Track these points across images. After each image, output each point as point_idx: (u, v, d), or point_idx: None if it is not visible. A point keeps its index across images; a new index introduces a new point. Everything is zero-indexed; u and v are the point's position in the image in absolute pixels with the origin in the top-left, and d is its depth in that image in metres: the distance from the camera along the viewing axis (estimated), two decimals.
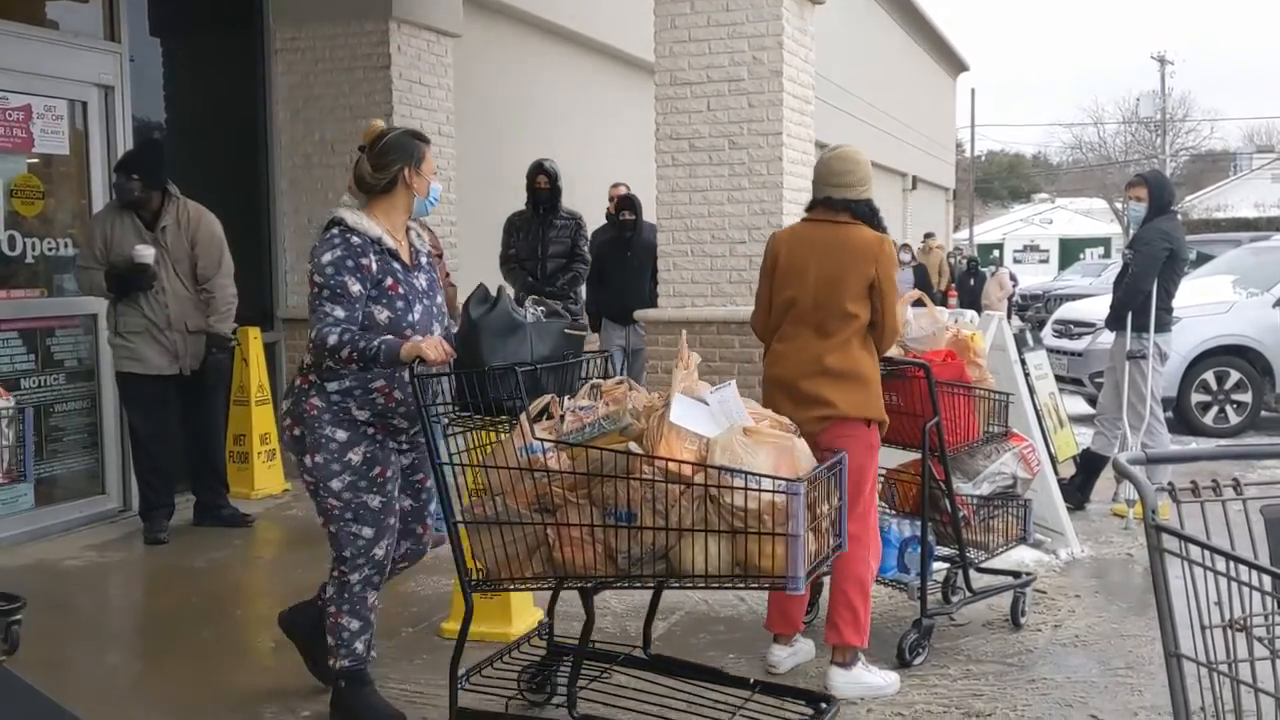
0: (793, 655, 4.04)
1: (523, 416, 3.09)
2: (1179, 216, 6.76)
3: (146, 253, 5.64)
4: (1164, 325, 6.32)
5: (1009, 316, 12.19)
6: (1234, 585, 2.01)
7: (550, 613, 3.77)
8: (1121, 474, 2.21)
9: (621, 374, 8.57)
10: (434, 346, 3.21)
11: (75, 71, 6.23)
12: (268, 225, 7.72)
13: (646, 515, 2.98)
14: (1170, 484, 2.11)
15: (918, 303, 4.57)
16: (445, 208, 7.79)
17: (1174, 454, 2.51)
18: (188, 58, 7.34)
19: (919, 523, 4.24)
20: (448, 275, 5.71)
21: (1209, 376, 9.46)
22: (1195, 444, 8.29)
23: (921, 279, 17.45)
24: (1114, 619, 4.63)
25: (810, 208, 4.00)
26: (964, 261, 21.61)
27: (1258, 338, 9.50)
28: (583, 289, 8.02)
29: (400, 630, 4.53)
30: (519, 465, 3.08)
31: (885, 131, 22.37)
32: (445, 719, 3.65)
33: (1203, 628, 2.03)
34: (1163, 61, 45.88)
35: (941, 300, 17.32)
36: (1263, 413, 9.59)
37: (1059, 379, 8.09)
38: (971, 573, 4.45)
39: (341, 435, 3.38)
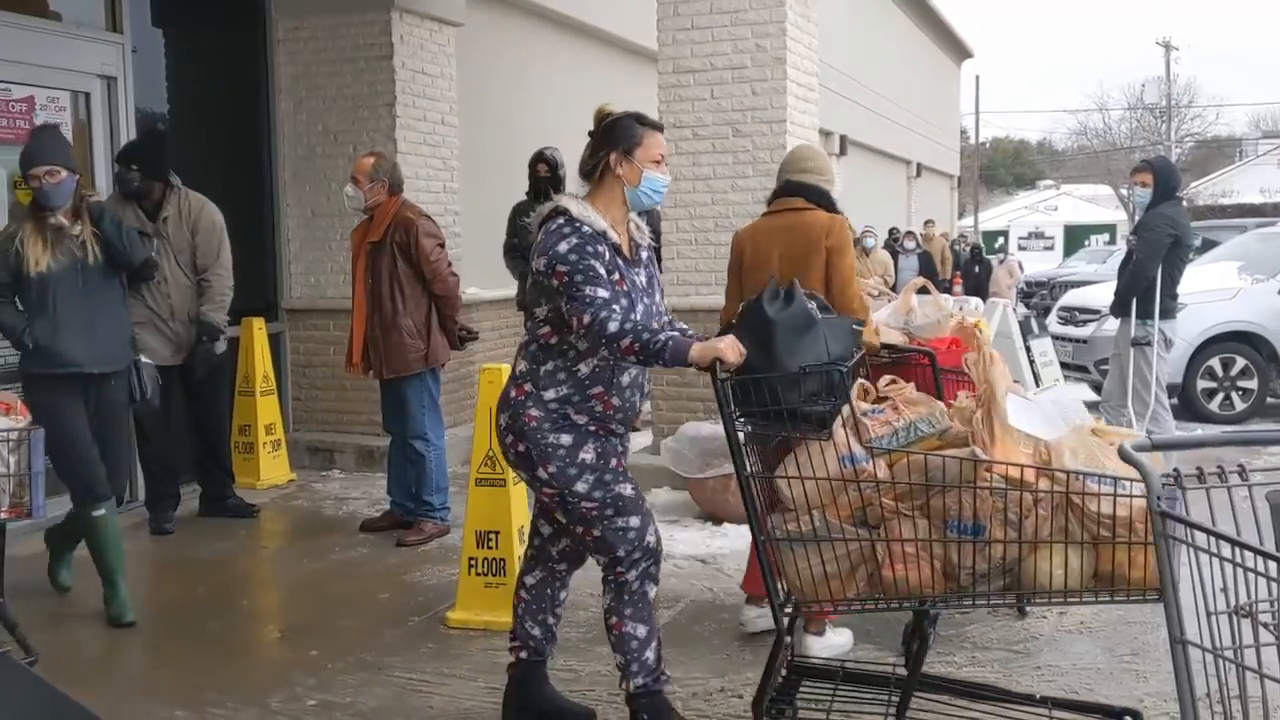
0: (765, 616, 4.14)
1: (839, 423, 2.81)
2: (1184, 202, 6.75)
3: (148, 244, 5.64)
4: (1169, 312, 6.31)
5: (1015, 304, 12.16)
6: (1239, 571, 2.01)
7: (790, 631, 3.17)
8: (1127, 461, 2.21)
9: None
10: (732, 347, 2.90)
11: (78, 63, 6.23)
12: (271, 216, 7.72)
13: (997, 527, 2.68)
14: (1176, 470, 2.11)
15: (922, 290, 4.57)
16: (448, 197, 7.79)
17: (1179, 440, 2.51)
18: (190, 48, 7.33)
19: None
20: (449, 265, 5.70)
21: (1214, 363, 9.43)
22: (1201, 430, 8.27)
23: (926, 266, 17.41)
24: (1119, 606, 4.62)
25: (769, 200, 4.27)
26: (968, 249, 21.55)
27: (1263, 324, 9.47)
28: None
29: (406, 619, 4.54)
30: (840, 476, 2.78)
31: (889, 119, 22.30)
32: (452, 706, 3.66)
33: (1208, 614, 2.03)
34: (1168, 47, 45.70)
35: (947, 288, 17.29)
36: (1268, 399, 9.57)
37: (1064, 366, 8.10)
38: None
39: (566, 439, 3.17)
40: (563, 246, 3.09)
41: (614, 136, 3.26)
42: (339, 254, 7.39)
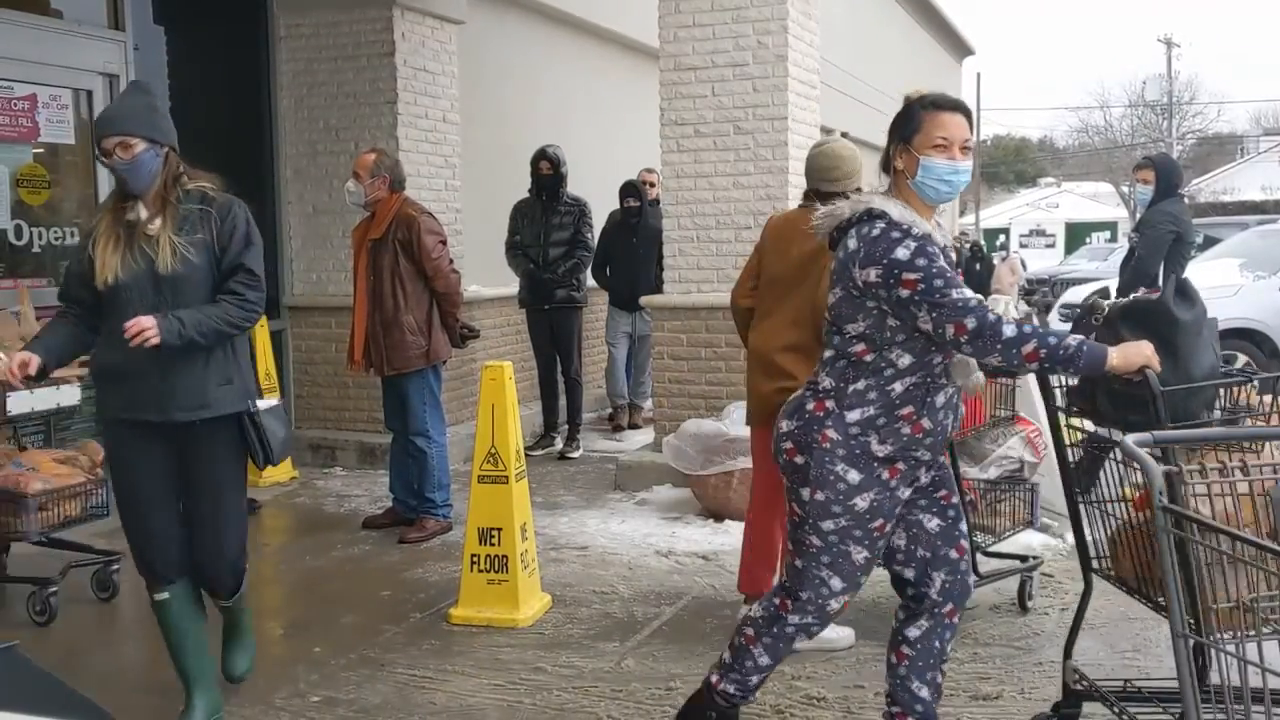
0: None
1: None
2: (1186, 200, 6.75)
3: None
4: None
5: (1016, 301, 12.18)
6: (1240, 565, 2.01)
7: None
8: (1129, 457, 2.21)
9: (628, 361, 8.63)
10: (1155, 353, 2.64)
11: (80, 60, 6.24)
12: (273, 213, 7.73)
13: None
14: (1178, 465, 2.11)
15: None
16: (449, 194, 7.80)
17: (1180, 436, 2.51)
18: (191, 46, 7.34)
19: None
20: (451, 263, 5.71)
21: None
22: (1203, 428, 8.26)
23: None
24: (1121, 602, 4.62)
25: (804, 196, 4.27)
26: (968, 246, 21.53)
27: (1265, 321, 9.47)
28: (586, 276, 8.01)
29: (409, 616, 4.55)
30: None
31: (890, 115, 22.27)
32: (454, 703, 3.67)
33: (1209, 608, 2.04)
34: (1169, 44, 45.63)
35: None
36: None
37: None
38: (978, 557, 4.45)
39: (854, 477, 2.85)
40: (903, 253, 2.73)
41: (895, 126, 2.96)
42: (340, 251, 7.40)
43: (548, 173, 7.67)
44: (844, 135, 18.47)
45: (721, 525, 5.70)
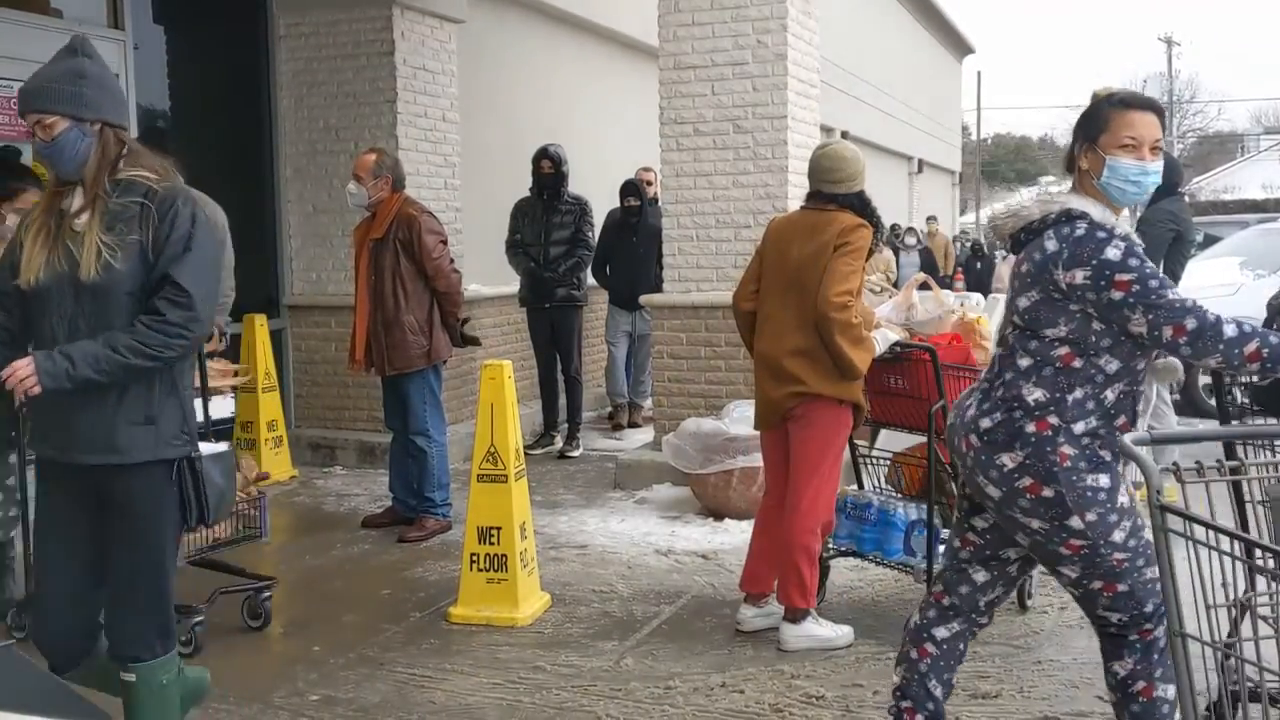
0: (761, 615, 4.23)
1: None
2: (1186, 198, 6.74)
3: None
4: None
5: None
6: (1239, 564, 2.01)
7: None
8: (1126, 455, 2.21)
9: (628, 360, 8.62)
10: None
11: None
12: (272, 212, 7.73)
13: None
14: (1175, 464, 2.11)
15: (923, 286, 4.59)
16: (449, 194, 7.80)
17: (1179, 435, 2.51)
18: (191, 45, 7.34)
19: (925, 506, 4.26)
20: (451, 262, 5.71)
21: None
22: (1202, 426, 8.27)
23: (927, 263, 17.41)
24: None
25: (806, 197, 4.26)
26: (968, 245, 21.55)
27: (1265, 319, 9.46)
28: (586, 275, 8.01)
29: (408, 615, 4.55)
30: None
31: (891, 115, 22.29)
32: (453, 702, 3.68)
33: (1208, 607, 2.04)
34: (1169, 43, 45.73)
35: (949, 284, 17.29)
36: None
37: None
38: None
39: (1104, 480, 2.68)
40: (1113, 254, 2.60)
41: (1080, 124, 2.83)
42: (340, 250, 7.40)
43: (549, 171, 7.67)
44: (844, 135, 18.47)
45: (721, 524, 5.70)
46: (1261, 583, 2.35)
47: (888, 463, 4.58)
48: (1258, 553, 2.07)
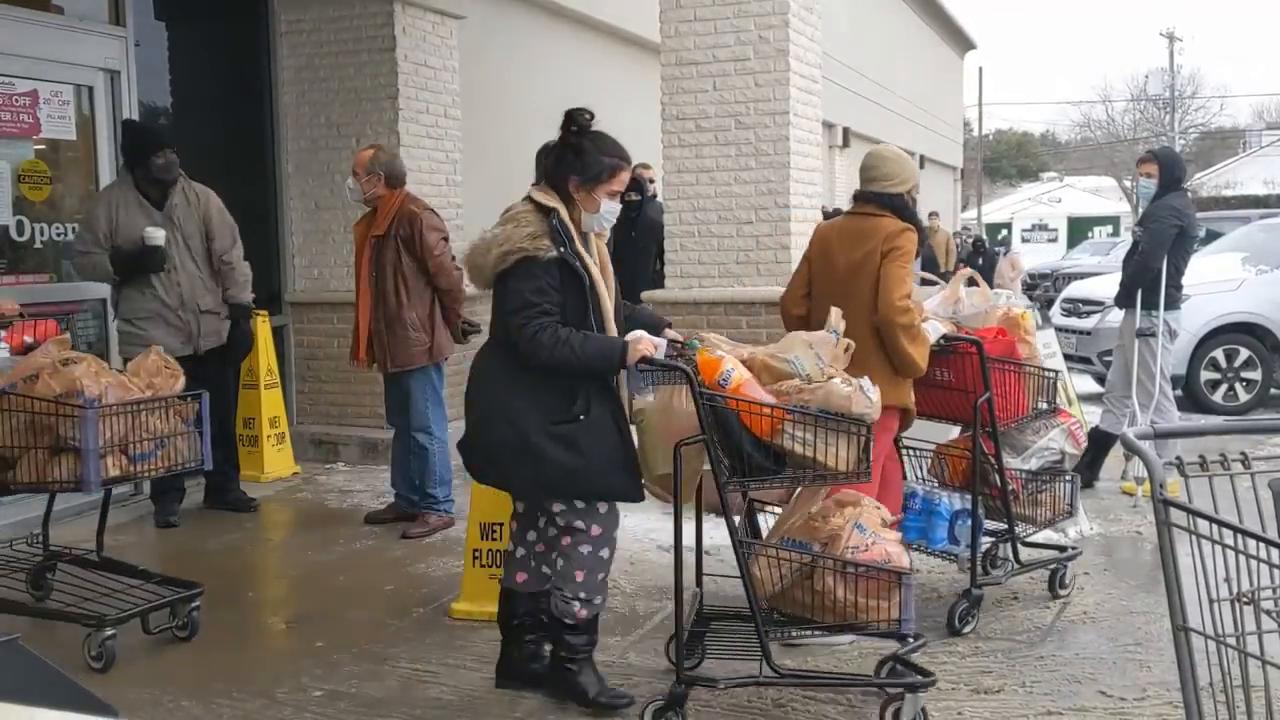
0: None
1: None
2: (1189, 194, 6.73)
3: (157, 234, 5.58)
4: (1173, 302, 6.30)
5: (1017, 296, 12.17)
6: (1242, 559, 2.01)
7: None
8: (1130, 450, 2.21)
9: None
10: None
11: (81, 56, 6.23)
12: (275, 209, 7.73)
13: None
14: (1178, 459, 2.11)
15: (970, 282, 4.65)
16: (450, 190, 7.79)
17: (1182, 429, 2.51)
18: (193, 42, 7.33)
19: (969, 496, 4.31)
20: (453, 259, 5.70)
21: (1218, 354, 9.42)
22: (1204, 421, 8.26)
23: (928, 258, 17.38)
24: (1123, 595, 4.64)
25: (851, 198, 4.40)
26: (970, 242, 21.52)
27: (1267, 315, 9.46)
28: None
29: (411, 611, 4.56)
30: None
31: (892, 111, 22.27)
32: (456, 696, 3.68)
33: (1211, 602, 2.04)
34: (1171, 38, 45.54)
35: (948, 280, 17.26)
36: (1272, 390, 9.56)
37: (1067, 358, 8.06)
38: (1019, 546, 4.49)
39: None
40: None
41: None
42: (343, 247, 7.40)
43: None
44: (846, 131, 18.47)
45: (720, 520, 5.69)
46: (1266, 577, 2.35)
47: (932, 454, 4.61)
48: (1262, 547, 2.06)
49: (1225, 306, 9.45)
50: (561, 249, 3.38)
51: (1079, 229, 44.13)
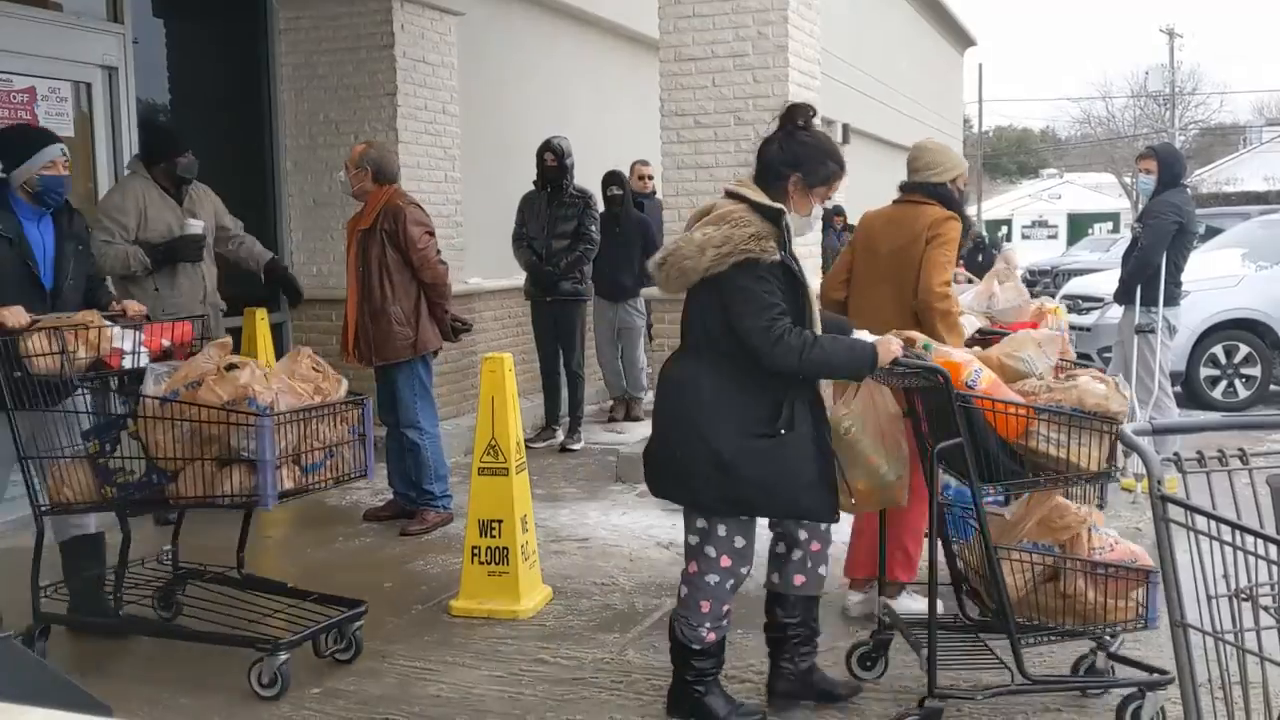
0: (864, 601, 4.29)
1: None
2: (1189, 190, 6.72)
3: (197, 224, 5.59)
4: (1173, 299, 6.29)
5: None
6: (1240, 555, 2.01)
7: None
8: (1128, 446, 2.21)
9: (619, 351, 8.59)
10: None
11: (79, 53, 6.23)
12: (273, 206, 7.72)
13: None
14: (1176, 455, 2.11)
15: (966, 281, 4.68)
16: (449, 186, 7.79)
17: (1180, 425, 2.51)
18: (191, 39, 7.33)
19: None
20: (438, 253, 5.71)
21: (1218, 350, 9.42)
22: (1202, 417, 8.26)
23: None
24: None
25: (898, 188, 4.47)
26: (970, 240, 21.49)
27: (1267, 311, 9.46)
28: (589, 269, 7.96)
29: (411, 608, 4.55)
30: None
31: (892, 107, 22.24)
32: (455, 694, 3.68)
33: (1209, 598, 2.03)
34: (1171, 35, 45.51)
35: None
36: (1271, 386, 9.56)
37: None
38: None
39: None
40: None
41: None
42: (341, 244, 7.36)
43: (552, 165, 7.63)
44: (845, 127, 18.43)
45: None
46: (1264, 573, 2.35)
47: None
48: (1260, 543, 2.06)
49: (1225, 303, 9.44)
50: (783, 252, 3.19)
51: (1079, 225, 44.13)
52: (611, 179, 8.31)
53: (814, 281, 6.24)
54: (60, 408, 3.83)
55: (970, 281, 4.97)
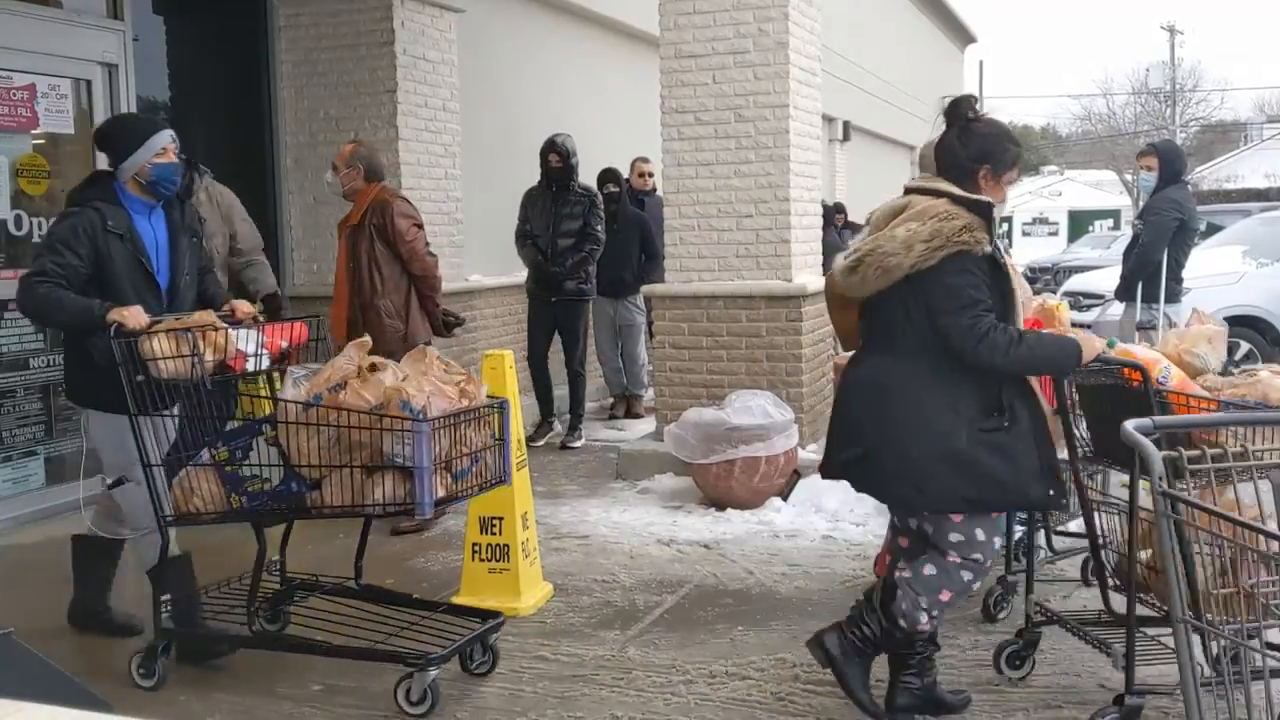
0: None
1: None
2: (1189, 187, 6.72)
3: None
4: (1174, 296, 6.30)
5: None
6: (1242, 552, 2.01)
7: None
8: (1129, 443, 2.21)
9: (618, 347, 8.57)
10: None
11: (79, 50, 6.22)
12: (273, 203, 7.72)
13: None
14: (1179, 451, 2.11)
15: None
16: (449, 183, 7.78)
17: (1181, 421, 2.51)
18: (191, 35, 7.32)
19: None
20: (427, 245, 5.72)
21: None
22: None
23: None
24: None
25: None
26: None
27: (1267, 308, 9.46)
28: (594, 267, 7.93)
29: None
30: None
31: (892, 104, 22.22)
32: (455, 691, 3.67)
33: (1211, 594, 2.03)
34: (1172, 32, 45.48)
35: None
36: None
37: None
38: (1052, 536, 4.48)
39: None
40: None
41: None
42: None
43: (558, 165, 7.60)
44: (846, 124, 18.43)
45: (723, 514, 5.70)
46: (1265, 570, 2.34)
47: None
48: (1262, 539, 2.06)
49: (1226, 299, 9.43)
50: (992, 244, 3.13)
51: (1079, 222, 44.09)
52: (607, 176, 8.30)
53: (818, 280, 6.27)
54: (179, 413, 3.64)
55: None
